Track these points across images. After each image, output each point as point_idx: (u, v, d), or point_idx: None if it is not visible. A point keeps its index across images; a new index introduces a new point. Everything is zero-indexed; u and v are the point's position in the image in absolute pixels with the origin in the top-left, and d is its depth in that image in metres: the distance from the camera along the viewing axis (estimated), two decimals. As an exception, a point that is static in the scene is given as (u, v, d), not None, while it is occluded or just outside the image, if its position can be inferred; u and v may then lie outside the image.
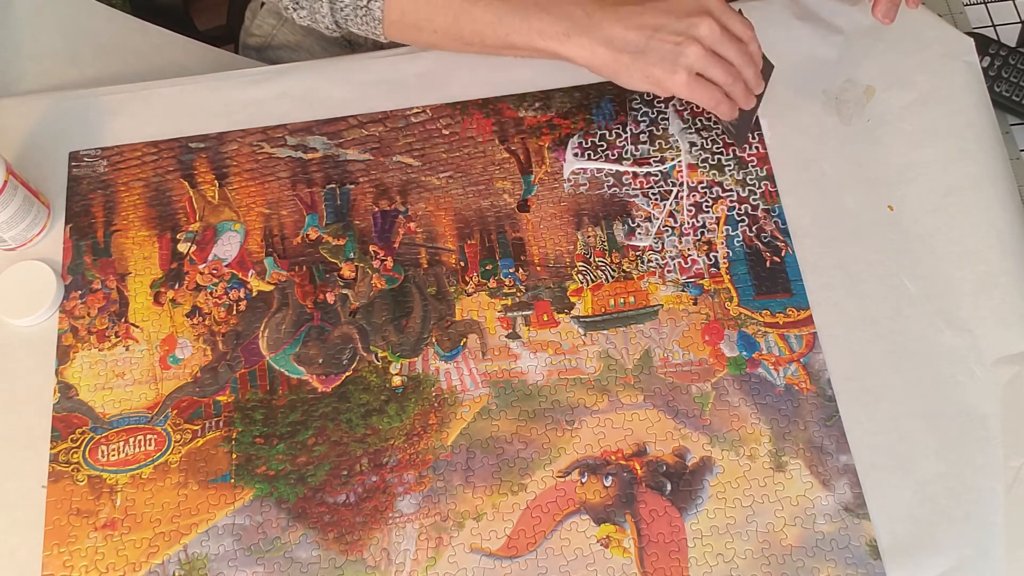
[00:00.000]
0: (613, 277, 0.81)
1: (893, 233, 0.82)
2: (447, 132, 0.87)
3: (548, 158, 0.86)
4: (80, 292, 0.81)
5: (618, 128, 0.86)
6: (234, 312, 0.80)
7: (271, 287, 0.81)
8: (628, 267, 0.82)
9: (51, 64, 0.92)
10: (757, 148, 0.85)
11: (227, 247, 0.83)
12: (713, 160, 0.85)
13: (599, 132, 0.86)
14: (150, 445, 0.76)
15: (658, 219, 0.83)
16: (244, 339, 0.79)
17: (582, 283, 0.81)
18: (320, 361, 0.78)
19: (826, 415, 0.76)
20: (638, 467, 0.74)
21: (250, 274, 0.82)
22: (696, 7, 0.75)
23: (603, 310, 0.80)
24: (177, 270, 0.82)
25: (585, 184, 0.85)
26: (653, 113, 0.87)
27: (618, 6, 0.75)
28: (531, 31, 0.76)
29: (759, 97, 0.79)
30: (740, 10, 0.79)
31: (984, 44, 0.93)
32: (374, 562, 0.72)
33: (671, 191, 0.84)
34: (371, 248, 0.83)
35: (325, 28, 0.82)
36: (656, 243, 0.82)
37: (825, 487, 0.73)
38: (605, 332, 0.79)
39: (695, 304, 0.80)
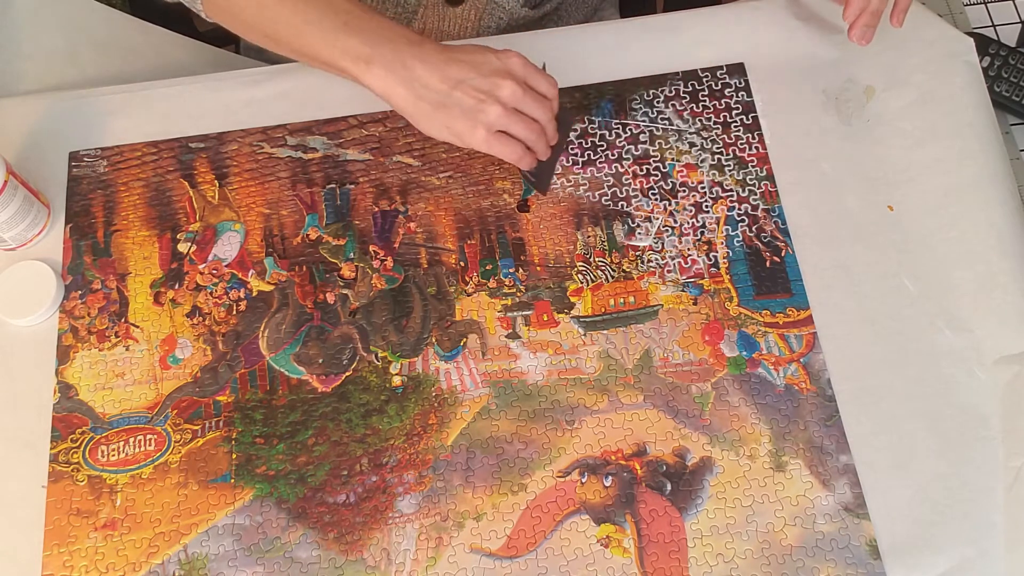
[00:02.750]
0: (613, 277, 0.81)
1: (893, 233, 0.82)
2: (447, 132, 0.86)
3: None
4: (80, 292, 0.81)
5: (618, 128, 0.86)
6: (234, 312, 0.80)
7: (271, 287, 0.81)
8: (628, 267, 0.82)
9: (51, 64, 0.92)
10: (757, 148, 0.85)
11: (227, 247, 0.83)
12: (713, 160, 0.85)
13: (599, 132, 0.86)
14: (150, 445, 0.76)
15: (658, 219, 0.83)
16: (244, 339, 0.79)
17: (582, 283, 0.81)
18: (320, 361, 0.78)
19: (826, 415, 0.76)
20: (638, 467, 0.75)
21: (250, 274, 0.82)
22: (500, 67, 0.74)
23: (603, 310, 0.80)
24: (177, 270, 0.82)
25: (585, 184, 0.85)
26: (653, 113, 0.87)
27: (424, 48, 0.75)
28: (334, 48, 0.75)
29: (556, 148, 0.79)
30: (544, 65, 0.78)
31: (984, 44, 0.93)
32: (374, 562, 0.72)
33: (671, 191, 0.84)
34: (371, 248, 0.83)
35: None
36: (656, 243, 0.82)
37: (825, 487, 0.73)
38: (605, 332, 0.79)
39: (695, 304, 0.80)
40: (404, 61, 0.74)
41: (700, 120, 0.87)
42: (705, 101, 0.87)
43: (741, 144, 0.85)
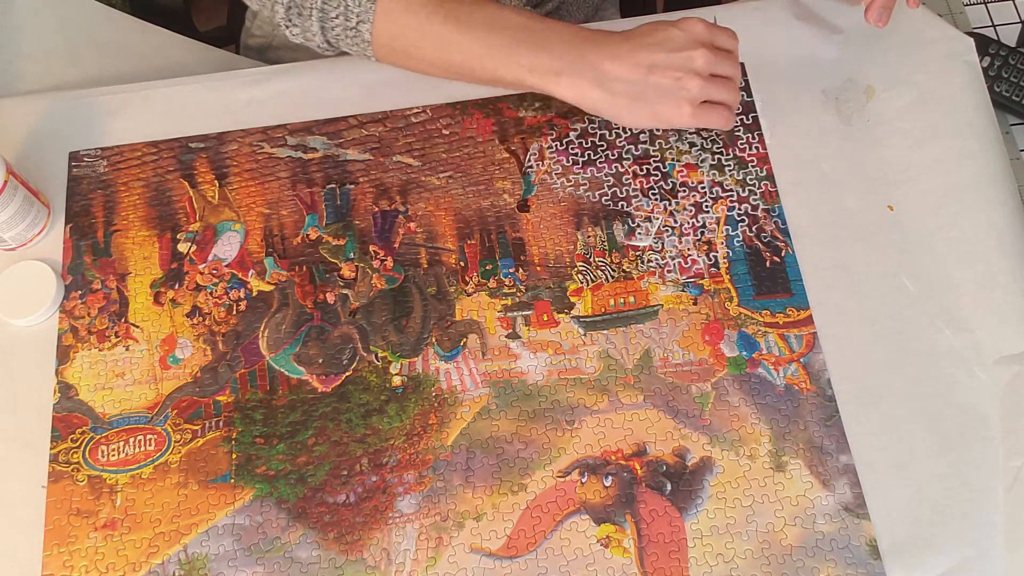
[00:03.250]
0: (613, 277, 0.81)
1: (893, 233, 0.82)
2: (447, 132, 0.87)
3: (548, 158, 0.86)
4: (80, 292, 0.81)
5: (618, 128, 0.86)
6: (234, 312, 0.80)
7: (271, 287, 0.81)
8: (628, 267, 0.82)
9: (51, 64, 0.92)
10: (757, 148, 0.85)
11: (227, 247, 0.83)
12: (713, 160, 0.85)
13: (599, 132, 0.86)
14: (150, 445, 0.76)
15: (658, 219, 0.83)
16: (244, 339, 0.79)
17: (582, 283, 0.81)
18: (320, 361, 0.78)
19: (826, 415, 0.76)
20: (638, 467, 0.74)
21: (250, 274, 0.82)
22: (688, 40, 0.74)
23: (603, 310, 0.80)
24: (177, 270, 0.82)
25: (585, 184, 0.85)
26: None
27: (609, 43, 0.74)
28: (520, 68, 0.74)
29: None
30: (715, 18, 0.79)
31: (984, 44, 0.93)
32: (374, 562, 0.72)
33: (671, 191, 0.84)
34: (371, 248, 0.83)
35: (317, 47, 0.81)
36: (656, 243, 0.82)
37: (825, 487, 0.73)
38: (605, 332, 0.79)
39: (695, 304, 0.80)
40: (591, 63, 0.73)
41: (700, 120, 0.87)
42: (705, 101, 0.87)
43: (741, 144, 0.85)
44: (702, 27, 0.75)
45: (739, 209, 0.83)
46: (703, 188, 0.84)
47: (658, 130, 0.86)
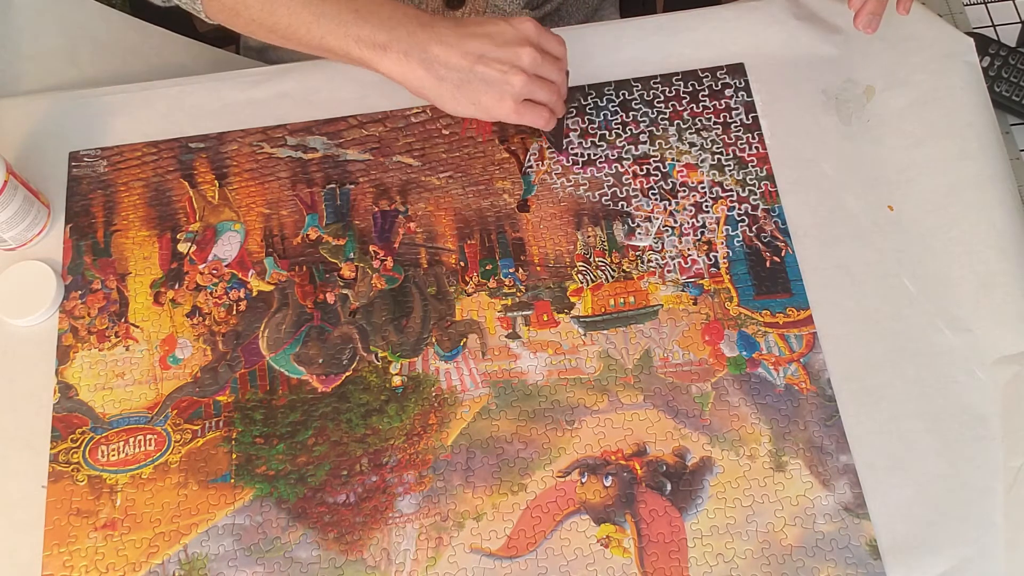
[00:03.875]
0: (613, 277, 0.81)
1: (893, 233, 0.82)
2: (447, 132, 0.87)
3: (548, 158, 0.86)
4: (80, 292, 0.81)
5: (618, 128, 0.86)
6: (234, 312, 0.80)
7: (271, 287, 0.81)
8: (628, 267, 0.82)
9: (51, 64, 0.92)
10: (757, 148, 0.85)
11: (227, 247, 0.83)
12: (713, 160, 0.85)
13: (599, 132, 0.86)
14: (150, 445, 0.76)
15: (658, 219, 0.83)
16: (244, 339, 0.79)
17: (582, 283, 0.81)
18: (320, 361, 0.78)
19: (826, 415, 0.76)
20: (638, 467, 0.74)
21: (250, 274, 0.82)
22: (516, 36, 0.75)
23: (603, 310, 0.80)
24: (177, 270, 0.82)
25: (585, 184, 0.85)
26: (653, 113, 0.87)
27: (439, 27, 0.74)
28: (348, 36, 0.74)
29: (565, 103, 0.81)
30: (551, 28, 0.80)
31: (984, 44, 0.93)
32: (374, 562, 0.72)
33: (671, 191, 0.84)
34: (371, 248, 0.83)
35: None
36: (656, 243, 0.82)
37: (825, 487, 0.73)
38: (605, 332, 0.79)
39: (695, 304, 0.80)
40: (420, 43, 0.73)
41: (700, 120, 0.87)
42: (705, 101, 0.87)
43: (741, 144, 0.85)
44: (532, 27, 0.76)
45: (739, 209, 0.83)
46: (703, 188, 0.84)
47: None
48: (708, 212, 0.83)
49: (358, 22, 0.74)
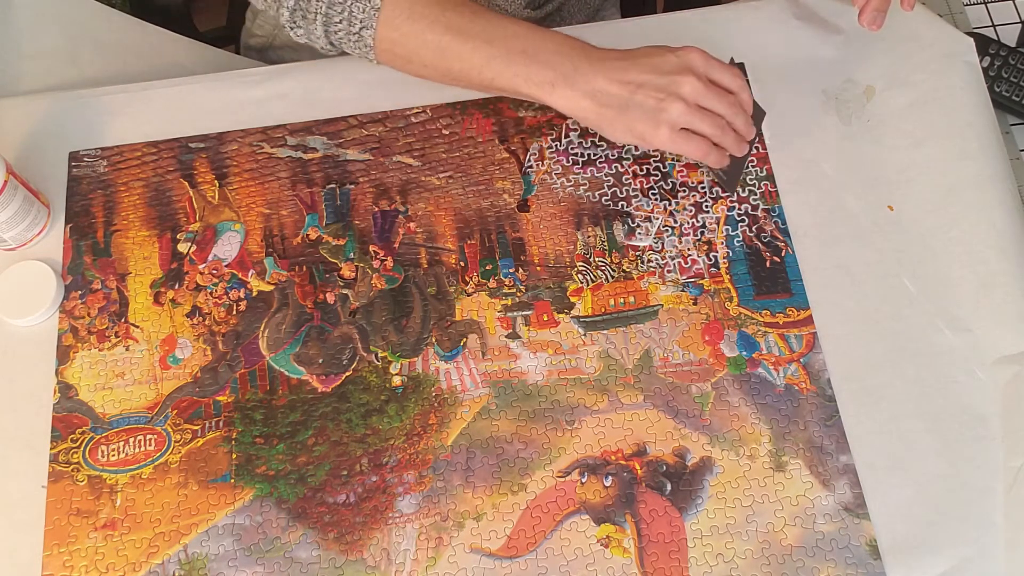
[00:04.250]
0: (613, 277, 0.81)
1: (893, 233, 0.82)
2: (447, 132, 0.87)
3: (548, 158, 0.86)
4: (80, 292, 0.81)
5: (618, 128, 0.86)
6: (234, 312, 0.80)
7: (271, 287, 0.81)
8: (628, 267, 0.82)
9: (51, 64, 0.92)
10: (757, 148, 0.85)
11: (227, 247, 0.83)
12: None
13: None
14: (150, 445, 0.76)
15: (658, 219, 0.83)
16: (244, 339, 0.79)
17: (582, 283, 0.81)
18: (320, 361, 0.78)
19: (826, 415, 0.76)
20: (638, 467, 0.75)
21: (250, 274, 0.82)
22: (679, 65, 0.75)
23: (603, 310, 0.80)
24: (177, 270, 0.82)
25: (585, 184, 0.85)
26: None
27: (604, 59, 0.75)
28: (516, 77, 0.76)
29: (750, 143, 0.79)
30: (732, 59, 0.79)
31: (984, 44, 0.93)
32: (374, 562, 0.72)
33: (671, 191, 0.84)
34: (371, 248, 0.83)
35: (321, 47, 0.82)
36: (656, 243, 0.82)
37: (825, 487, 0.73)
38: (605, 332, 0.79)
39: (695, 304, 0.80)
40: (585, 76, 0.75)
41: (700, 120, 0.86)
42: (705, 101, 0.87)
43: (741, 144, 0.85)
44: (699, 57, 0.75)
45: (739, 209, 0.83)
46: (703, 188, 0.84)
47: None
48: (708, 212, 0.83)
49: (527, 63, 0.75)
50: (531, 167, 0.85)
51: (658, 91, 0.74)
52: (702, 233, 0.83)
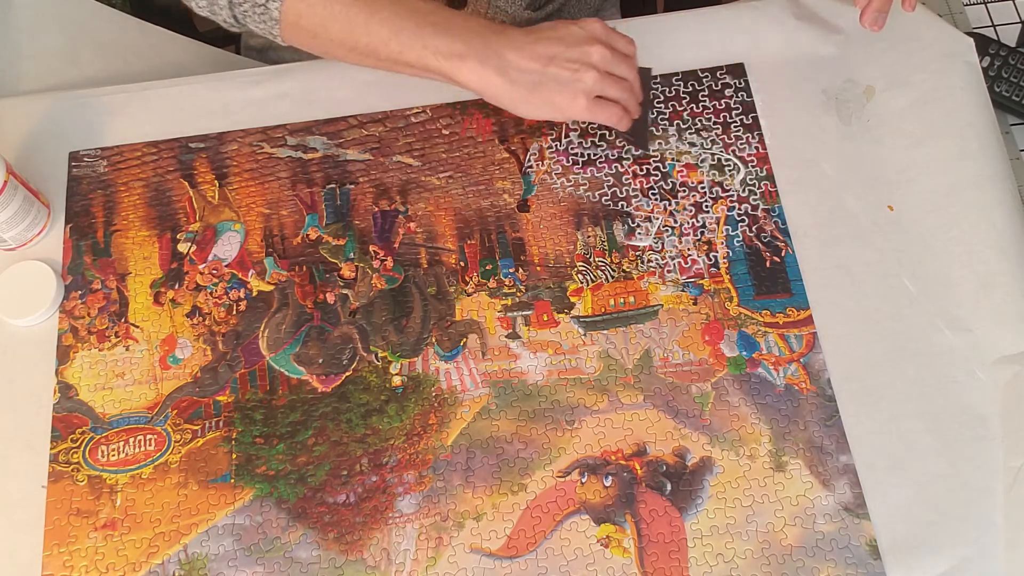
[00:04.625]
0: (613, 277, 0.81)
1: (893, 233, 0.82)
2: (447, 132, 0.87)
3: (548, 158, 0.86)
4: (80, 292, 0.81)
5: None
6: (234, 312, 0.80)
7: (271, 287, 0.81)
8: (628, 267, 0.82)
9: (51, 64, 0.92)
10: (757, 148, 0.85)
11: (227, 247, 0.83)
12: (713, 160, 0.85)
13: (599, 132, 0.86)
14: (150, 445, 0.76)
15: (658, 219, 0.83)
16: (244, 339, 0.79)
17: (582, 283, 0.81)
18: (320, 361, 0.78)
19: (826, 415, 0.76)
20: (638, 467, 0.74)
21: (250, 274, 0.82)
22: (585, 36, 0.77)
23: (603, 310, 0.80)
24: (177, 270, 0.82)
25: (585, 184, 0.85)
26: (653, 113, 0.87)
27: (512, 35, 0.76)
28: (424, 50, 0.76)
29: (644, 104, 0.82)
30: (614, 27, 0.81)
31: (984, 44, 0.93)
32: (374, 562, 0.72)
33: (671, 191, 0.84)
34: (371, 248, 0.83)
35: (223, 21, 0.81)
36: (656, 243, 0.82)
37: (825, 487, 0.73)
38: (605, 332, 0.79)
39: (695, 304, 0.80)
40: (495, 50, 0.75)
41: (700, 120, 0.87)
42: (705, 101, 0.87)
43: (741, 144, 0.85)
44: (600, 27, 0.78)
45: (739, 209, 0.83)
46: (703, 188, 0.84)
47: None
48: (708, 212, 0.83)
49: (436, 34, 0.76)
50: (531, 167, 0.85)
51: (571, 62, 0.75)
52: (702, 233, 0.83)
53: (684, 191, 0.84)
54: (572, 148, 0.86)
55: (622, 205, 0.84)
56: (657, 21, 0.92)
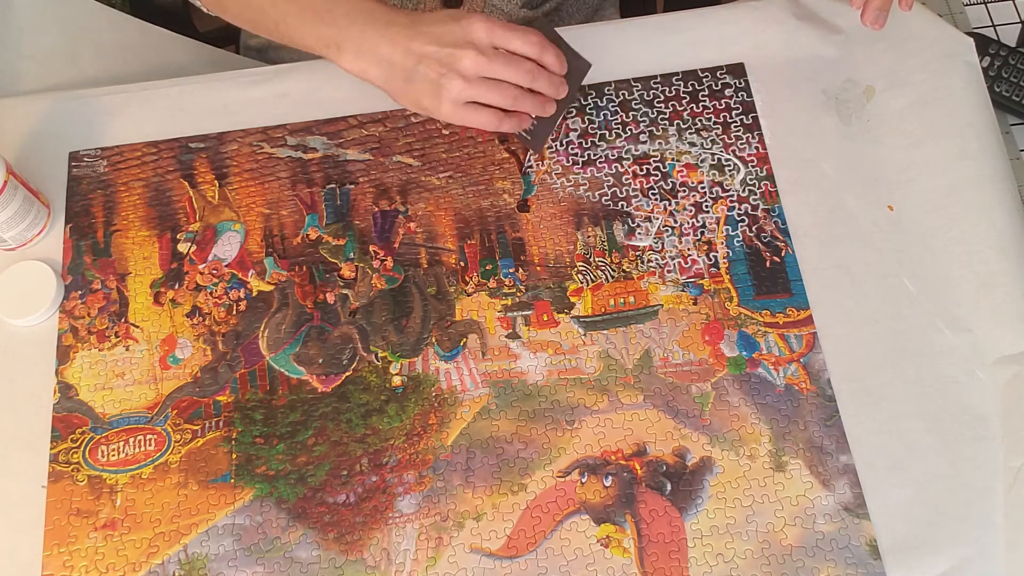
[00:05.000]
0: (613, 277, 0.81)
1: (893, 233, 0.82)
2: (447, 132, 0.87)
3: (548, 158, 0.86)
4: (80, 292, 0.81)
5: (618, 128, 0.86)
6: (234, 312, 0.80)
7: (271, 287, 0.81)
8: (628, 267, 0.82)
9: (51, 64, 0.92)
10: (757, 148, 0.85)
11: (227, 247, 0.83)
12: (713, 160, 0.85)
13: (599, 132, 0.86)
14: (150, 445, 0.76)
15: (658, 219, 0.83)
16: (244, 339, 0.79)
17: (582, 283, 0.81)
18: (320, 361, 0.78)
19: (826, 415, 0.76)
20: (638, 467, 0.74)
21: (250, 274, 0.82)
22: (460, 38, 0.74)
23: (603, 310, 0.80)
24: (177, 270, 0.82)
25: (585, 184, 0.85)
26: (653, 113, 0.87)
27: (391, 24, 0.75)
28: (307, 36, 0.76)
29: (563, 100, 0.78)
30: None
31: (984, 44, 0.93)
32: (374, 562, 0.72)
33: (671, 191, 0.84)
34: (371, 248, 0.83)
35: None
36: (656, 243, 0.82)
37: (825, 487, 0.73)
38: (605, 332, 0.79)
39: (695, 304, 0.80)
40: (371, 42, 0.75)
41: (700, 120, 0.87)
42: (705, 101, 0.87)
43: (741, 144, 0.85)
44: (482, 27, 0.74)
45: (739, 209, 0.83)
46: (703, 188, 0.84)
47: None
48: (708, 212, 0.83)
49: (315, 21, 0.76)
50: (531, 167, 0.85)
51: (440, 65, 0.74)
52: (702, 233, 0.83)
53: (684, 191, 0.84)
54: (572, 148, 0.86)
55: (622, 205, 0.84)
56: (657, 21, 0.92)
